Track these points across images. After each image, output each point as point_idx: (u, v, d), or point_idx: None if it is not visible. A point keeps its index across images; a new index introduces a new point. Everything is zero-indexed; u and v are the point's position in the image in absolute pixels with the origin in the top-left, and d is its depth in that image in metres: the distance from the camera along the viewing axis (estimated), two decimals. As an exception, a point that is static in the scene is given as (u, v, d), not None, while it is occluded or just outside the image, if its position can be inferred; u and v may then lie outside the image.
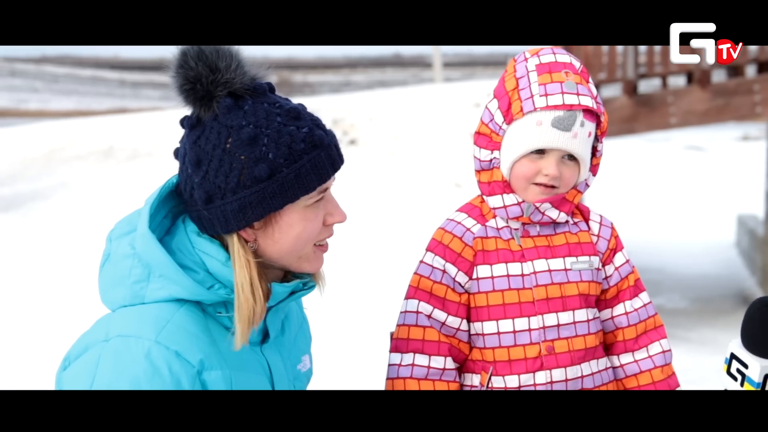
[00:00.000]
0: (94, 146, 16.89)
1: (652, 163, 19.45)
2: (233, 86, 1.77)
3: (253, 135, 1.74)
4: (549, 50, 2.19)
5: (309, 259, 1.85)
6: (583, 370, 2.18)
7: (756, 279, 10.43)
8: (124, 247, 1.82)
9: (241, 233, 1.79)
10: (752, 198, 14.41)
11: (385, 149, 13.63)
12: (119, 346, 1.72)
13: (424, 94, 16.28)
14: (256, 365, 1.85)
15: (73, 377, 1.74)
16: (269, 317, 1.88)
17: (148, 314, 1.75)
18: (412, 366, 2.18)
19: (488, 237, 2.20)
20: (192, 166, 1.78)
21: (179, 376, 1.71)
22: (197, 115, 1.79)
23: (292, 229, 1.80)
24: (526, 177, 2.15)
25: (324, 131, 1.81)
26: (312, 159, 1.77)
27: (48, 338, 7.71)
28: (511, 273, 2.17)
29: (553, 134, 2.11)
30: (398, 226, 11.38)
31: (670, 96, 8.74)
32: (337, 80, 35.97)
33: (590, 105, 2.12)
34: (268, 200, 1.75)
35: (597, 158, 2.20)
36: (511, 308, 2.16)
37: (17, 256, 10.74)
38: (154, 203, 1.81)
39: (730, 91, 8.70)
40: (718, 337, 7.95)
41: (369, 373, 6.78)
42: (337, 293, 8.91)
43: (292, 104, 1.81)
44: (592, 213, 2.27)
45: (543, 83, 2.13)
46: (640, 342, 2.23)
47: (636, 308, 2.25)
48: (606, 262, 2.24)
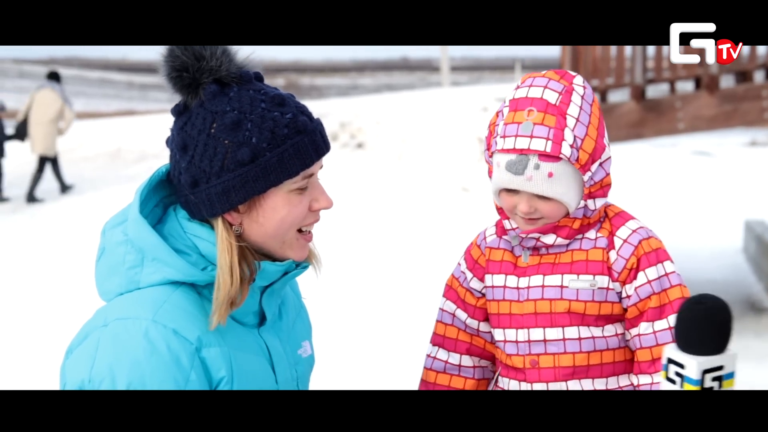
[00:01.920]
0: (102, 148, 16.93)
1: (659, 168, 19.43)
2: (219, 73, 1.81)
3: (236, 120, 1.78)
4: (529, 82, 2.17)
5: (292, 246, 1.87)
6: (570, 387, 2.17)
7: (763, 285, 10.40)
8: (117, 235, 1.86)
9: (226, 217, 1.82)
10: (760, 204, 14.39)
11: (392, 153, 13.64)
12: (117, 329, 1.74)
13: (432, 98, 16.29)
14: (255, 346, 1.87)
15: (74, 364, 1.76)
16: (265, 300, 1.90)
17: (145, 297, 1.78)
18: (434, 359, 2.34)
19: (498, 248, 2.27)
20: (179, 151, 1.82)
21: (178, 354, 1.74)
22: (185, 102, 1.84)
23: (276, 213, 1.82)
24: (507, 209, 2.20)
25: (309, 118, 1.84)
26: (295, 144, 1.80)
27: (56, 339, 7.72)
28: (508, 285, 2.23)
29: (507, 177, 2.13)
30: (405, 229, 11.38)
31: (678, 101, 8.73)
32: (344, 83, 35.99)
33: (541, 149, 2.10)
34: (251, 183, 1.79)
35: (593, 186, 2.16)
36: (503, 318, 2.23)
37: (25, 256, 10.77)
38: (144, 190, 1.86)
39: (739, 97, 8.69)
40: (725, 343, 7.93)
41: (377, 371, 6.78)
42: (344, 294, 8.91)
43: (278, 92, 1.85)
44: (623, 228, 2.21)
45: (507, 123, 2.15)
46: (657, 366, 2.15)
47: (656, 331, 2.16)
48: (625, 281, 2.18)
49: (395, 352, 7.14)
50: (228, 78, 1.81)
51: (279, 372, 1.91)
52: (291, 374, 1.95)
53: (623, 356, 2.21)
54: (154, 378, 1.72)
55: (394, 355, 7.09)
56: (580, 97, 2.15)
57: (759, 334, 8.66)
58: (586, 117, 2.14)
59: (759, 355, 7.93)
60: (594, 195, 2.17)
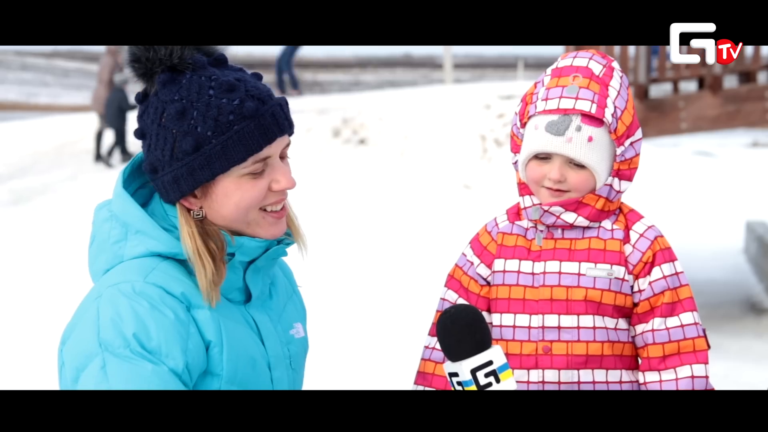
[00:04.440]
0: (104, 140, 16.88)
1: (660, 168, 19.40)
2: (171, 61, 1.83)
3: (181, 109, 1.81)
4: (573, 55, 2.21)
5: (259, 224, 1.88)
6: (582, 376, 2.17)
7: (764, 286, 10.40)
8: (103, 213, 1.89)
9: (184, 203, 1.85)
10: (761, 205, 14.37)
11: (394, 149, 13.61)
12: (112, 293, 1.77)
13: (434, 95, 16.26)
14: (242, 320, 1.89)
15: (78, 338, 1.78)
16: (248, 277, 1.91)
17: (132, 265, 1.82)
18: (432, 349, 2.28)
19: (511, 234, 2.26)
20: (139, 139, 1.87)
21: (175, 308, 1.77)
22: (145, 90, 1.87)
23: (229, 198, 1.84)
24: (535, 180, 2.19)
25: (261, 101, 1.84)
26: (240, 130, 1.81)
27: (54, 331, 7.72)
28: (522, 270, 2.21)
29: (546, 138, 2.15)
30: (406, 226, 11.37)
31: (681, 101, 8.72)
32: (346, 79, 35.93)
33: (586, 109, 2.13)
34: (198, 172, 1.81)
35: (622, 163, 2.20)
36: (515, 303, 2.21)
37: (26, 248, 10.76)
38: (127, 169, 1.90)
39: (742, 98, 8.68)
40: (725, 343, 7.93)
41: (378, 366, 6.78)
42: (346, 289, 8.91)
43: (231, 77, 1.85)
44: (639, 224, 2.23)
45: (549, 87, 2.18)
46: (667, 362, 2.17)
47: (668, 327, 2.17)
48: (639, 275, 2.19)
49: (396, 347, 7.13)
50: (182, 65, 1.83)
51: (269, 347, 1.91)
52: (283, 352, 1.95)
53: (631, 351, 2.22)
54: (159, 331, 1.74)
55: (395, 350, 7.08)
56: (620, 76, 2.21)
57: (759, 335, 8.66)
58: (625, 93, 2.20)
59: (759, 355, 7.92)
60: (621, 175, 2.20)
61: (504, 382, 1.82)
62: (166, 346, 1.74)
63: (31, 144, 15.29)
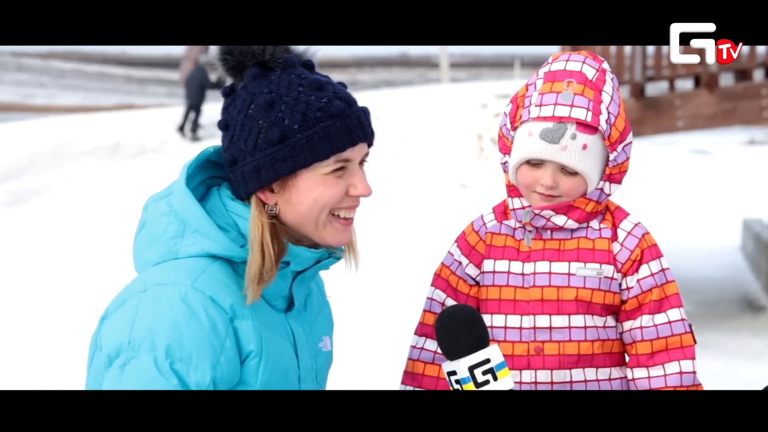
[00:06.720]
0: (101, 142, 16.89)
1: (657, 166, 19.42)
2: (263, 57, 1.86)
3: (270, 101, 1.83)
4: (566, 57, 2.21)
5: (327, 228, 1.88)
6: (573, 375, 2.18)
7: (761, 283, 10.42)
8: (161, 207, 1.90)
9: (260, 196, 1.86)
10: (758, 202, 14.38)
11: (391, 148, 13.62)
12: (157, 293, 1.78)
13: (431, 95, 16.27)
14: (281, 329, 1.89)
15: (112, 328, 1.79)
16: (295, 286, 1.92)
17: (183, 265, 1.82)
18: (421, 349, 2.27)
19: (500, 234, 2.25)
20: (222, 130, 1.89)
21: (215, 320, 1.77)
22: (232, 85, 1.90)
23: (309, 193, 1.85)
24: (526, 185, 2.19)
25: (348, 104, 1.87)
26: (326, 127, 1.83)
27: (52, 332, 7.72)
28: (512, 271, 2.21)
29: (540, 146, 2.14)
30: (403, 225, 11.38)
31: (678, 99, 8.73)
32: (343, 79, 35.91)
33: (582, 118, 2.13)
34: (280, 163, 1.82)
35: (613, 168, 2.20)
36: (505, 304, 2.21)
37: (23, 249, 10.76)
38: (192, 165, 1.91)
39: (738, 95, 8.69)
40: (722, 341, 7.94)
41: (374, 366, 6.78)
42: (342, 289, 8.90)
43: (320, 78, 1.89)
44: (626, 221, 2.24)
45: (542, 92, 2.17)
46: (656, 359, 2.18)
47: (656, 324, 2.19)
48: (627, 273, 2.20)
49: (392, 347, 7.13)
50: (273, 62, 1.87)
51: (301, 359, 1.93)
52: (311, 364, 1.96)
53: (619, 348, 2.23)
54: (192, 341, 1.75)
55: (392, 350, 7.09)
56: (611, 79, 2.21)
57: (756, 333, 8.67)
58: (617, 97, 2.20)
59: (756, 353, 7.93)
60: (612, 179, 2.20)
61: (501, 380, 1.84)
62: (197, 357, 1.75)
63: (28, 145, 15.28)
